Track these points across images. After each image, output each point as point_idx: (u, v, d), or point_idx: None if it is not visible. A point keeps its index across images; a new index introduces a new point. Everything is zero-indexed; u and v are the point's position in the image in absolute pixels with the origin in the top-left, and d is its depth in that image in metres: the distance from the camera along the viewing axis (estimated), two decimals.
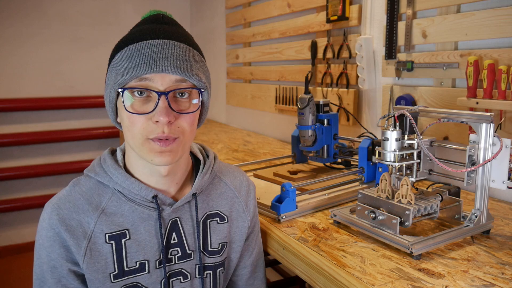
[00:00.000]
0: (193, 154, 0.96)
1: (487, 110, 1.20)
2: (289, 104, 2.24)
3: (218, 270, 0.93)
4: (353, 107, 1.80)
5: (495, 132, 0.94)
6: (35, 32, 3.06)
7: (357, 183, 1.33)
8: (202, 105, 0.86)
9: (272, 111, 2.41)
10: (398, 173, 1.03)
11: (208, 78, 0.86)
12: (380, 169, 1.28)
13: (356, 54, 1.71)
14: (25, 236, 3.19)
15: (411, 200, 0.94)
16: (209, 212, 0.92)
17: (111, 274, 0.81)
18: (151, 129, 0.77)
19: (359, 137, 1.41)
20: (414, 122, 0.97)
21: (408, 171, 1.03)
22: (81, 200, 0.82)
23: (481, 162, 0.93)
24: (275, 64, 2.42)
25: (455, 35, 1.35)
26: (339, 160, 1.50)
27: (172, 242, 0.87)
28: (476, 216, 0.96)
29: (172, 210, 0.86)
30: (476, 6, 1.30)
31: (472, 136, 0.95)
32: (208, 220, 0.92)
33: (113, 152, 0.90)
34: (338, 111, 1.73)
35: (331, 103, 1.47)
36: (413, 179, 1.02)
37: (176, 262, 0.87)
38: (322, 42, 1.96)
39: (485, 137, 0.92)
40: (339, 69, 1.87)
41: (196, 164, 0.95)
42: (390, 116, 0.99)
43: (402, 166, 1.01)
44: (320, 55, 1.97)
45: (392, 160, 0.98)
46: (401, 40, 1.53)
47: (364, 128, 1.53)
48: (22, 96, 3.06)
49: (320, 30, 1.97)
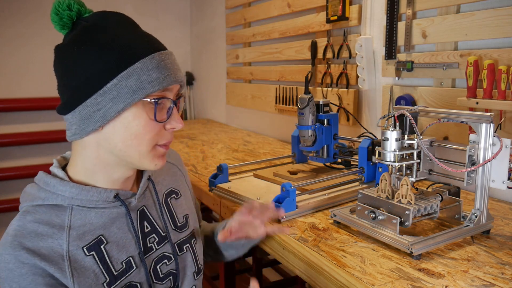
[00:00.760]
0: None
1: (487, 110, 1.21)
2: (289, 104, 2.24)
3: (192, 241, 0.97)
4: (353, 107, 1.80)
5: (495, 132, 0.94)
6: (36, 32, 3.06)
7: (357, 183, 1.33)
8: None
9: (272, 111, 2.41)
10: (398, 173, 1.03)
11: None
12: (380, 169, 1.28)
13: (356, 54, 1.71)
14: None
15: (411, 200, 0.94)
16: (166, 192, 0.97)
17: (104, 284, 0.79)
18: (163, 135, 0.80)
19: (359, 137, 1.41)
20: (414, 122, 0.97)
21: (408, 171, 1.03)
22: (40, 227, 0.76)
23: (481, 162, 0.93)
24: (275, 64, 2.42)
25: (455, 35, 1.35)
26: (339, 160, 1.50)
27: (146, 231, 0.88)
28: (476, 216, 0.96)
29: (137, 200, 0.87)
30: (476, 6, 1.30)
31: (472, 136, 0.95)
32: (168, 199, 0.96)
33: (47, 174, 0.85)
34: (338, 111, 1.73)
35: (331, 103, 1.47)
36: (413, 179, 1.02)
37: (157, 248, 0.89)
38: (322, 42, 1.96)
39: (485, 137, 0.92)
40: (339, 69, 1.87)
41: None
42: (390, 116, 1.00)
43: (402, 166, 1.01)
44: (320, 55, 1.98)
45: (392, 160, 0.98)
46: (401, 40, 1.53)
47: (364, 128, 1.53)
48: (22, 96, 3.06)
49: (320, 30, 1.98)
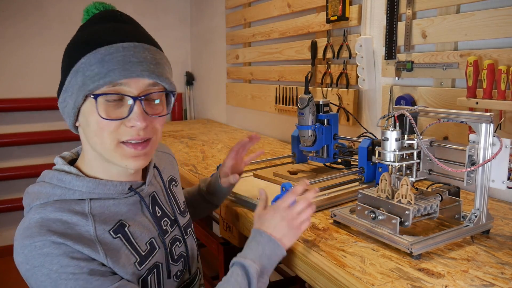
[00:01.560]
0: None
1: (486, 110, 1.21)
2: (289, 104, 2.24)
3: (192, 226, 1.03)
4: (353, 107, 1.80)
5: (495, 132, 0.94)
6: (36, 32, 3.06)
7: (357, 183, 1.33)
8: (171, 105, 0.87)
9: (272, 111, 2.41)
10: (398, 173, 1.03)
11: (172, 78, 0.87)
12: (380, 169, 1.28)
13: (356, 54, 1.71)
14: None
15: (411, 200, 0.94)
16: (168, 179, 1.01)
17: (136, 263, 0.81)
18: (124, 132, 0.76)
19: (359, 137, 1.41)
20: (414, 122, 0.97)
21: (408, 171, 1.03)
22: (64, 215, 0.74)
23: (481, 162, 0.93)
24: (275, 64, 2.42)
25: (454, 35, 1.35)
26: (339, 160, 1.50)
27: (158, 215, 0.91)
28: (476, 216, 0.96)
29: (148, 187, 0.90)
30: (476, 6, 1.30)
31: (472, 136, 0.95)
32: (170, 186, 1.01)
33: (58, 170, 0.84)
34: (338, 111, 1.73)
35: (331, 103, 1.47)
36: (413, 179, 1.02)
37: (170, 231, 0.93)
38: (322, 42, 1.96)
39: (485, 137, 0.92)
40: (339, 69, 1.87)
41: None
42: (390, 116, 1.00)
43: (402, 166, 1.01)
44: (320, 55, 1.98)
45: (392, 160, 0.98)
46: (401, 40, 1.53)
47: (364, 128, 1.53)
48: (22, 96, 3.06)
49: (320, 30, 1.98)
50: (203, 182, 1.24)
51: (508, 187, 0.92)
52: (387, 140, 0.98)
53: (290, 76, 2.26)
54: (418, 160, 1.01)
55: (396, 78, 1.57)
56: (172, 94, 0.84)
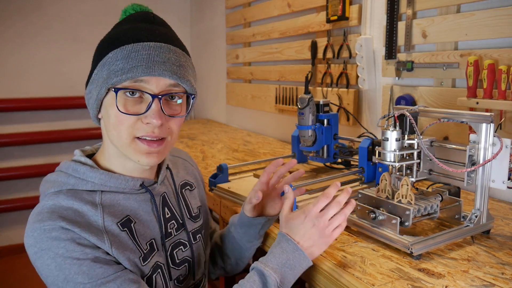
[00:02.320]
0: None
1: (487, 110, 1.20)
2: (289, 104, 2.24)
3: (202, 232, 1.01)
4: (353, 107, 1.80)
5: (495, 132, 0.93)
6: (36, 32, 3.06)
7: (357, 183, 1.33)
8: (190, 107, 0.89)
9: (272, 111, 2.41)
10: (398, 173, 1.03)
11: (196, 82, 0.89)
12: (380, 169, 1.28)
13: (356, 54, 1.71)
14: None
15: (411, 200, 0.94)
16: (181, 183, 1.00)
17: (140, 258, 0.81)
18: (140, 127, 0.78)
19: (359, 137, 1.41)
20: (414, 122, 0.97)
21: (408, 171, 1.03)
22: (75, 204, 0.77)
23: (481, 162, 0.93)
24: (275, 64, 2.42)
25: (455, 35, 1.35)
26: (339, 160, 1.50)
27: (167, 216, 0.91)
28: (476, 216, 0.96)
29: (159, 186, 0.90)
30: (476, 6, 1.30)
31: (472, 136, 0.94)
32: (183, 190, 1.00)
33: (75, 161, 0.86)
34: (338, 111, 1.73)
35: (331, 103, 1.47)
36: (413, 179, 1.02)
37: (175, 234, 0.92)
38: (322, 42, 1.96)
39: (485, 137, 0.92)
40: (339, 69, 1.87)
41: None
42: (390, 116, 0.99)
43: (402, 166, 1.01)
44: (320, 55, 1.97)
45: (392, 160, 0.98)
46: (401, 40, 1.53)
47: (364, 128, 1.53)
48: (22, 96, 3.06)
49: (320, 30, 1.97)
50: (230, 219, 1.11)
51: (508, 187, 0.92)
52: (387, 140, 0.98)
53: (290, 76, 2.26)
54: (418, 160, 1.01)
55: (396, 78, 1.57)
56: (192, 97, 0.85)
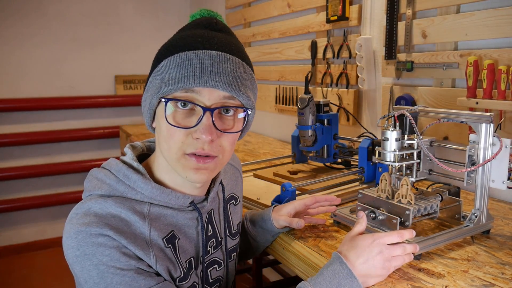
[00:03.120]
0: None
1: (487, 110, 1.20)
2: (289, 104, 2.24)
3: (237, 250, 0.96)
4: (353, 107, 1.80)
5: (495, 132, 0.94)
6: (35, 32, 3.06)
7: (357, 183, 1.33)
8: (245, 123, 0.81)
9: (272, 111, 2.41)
10: (398, 173, 1.03)
11: (256, 96, 0.82)
12: (380, 169, 1.28)
13: (356, 54, 1.71)
14: (25, 236, 3.19)
15: (411, 200, 0.94)
16: (228, 196, 0.94)
17: (178, 278, 0.78)
18: (190, 143, 0.73)
19: (359, 137, 1.41)
20: (414, 122, 0.97)
21: (408, 171, 1.03)
22: (123, 212, 0.73)
23: (481, 162, 0.93)
24: (275, 64, 2.42)
25: (455, 35, 1.35)
26: (339, 160, 1.50)
27: (209, 234, 0.87)
28: (476, 216, 0.96)
29: (209, 204, 0.85)
30: (476, 6, 1.30)
31: (472, 136, 0.95)
32: (228, 205, 0.94)
33: (126, 163, 0.81)
34: (338, 111, 1.73)
35: (331, 103, 1.47)
36: (413, 179, 1.02)
37: (212, 252, 0.88)
38: (322, 42, 1.96)
39: (485, 137, 0.92)
40: (339, 69, 1.87)
41: None
42: (390, 116, 0.99)
43: (402, 166, 1.01)
44: (320, 55, 1.98)
45: (392, 160, 0.98)
46: (401, 40, 1.53)
47: (364, 128, 1.53)
48: (22, 96, 3.06)
49: (320, 30, 1.98)
50: (248, 213, 1.10)
51: (508, 187, 0.92)
52: (387, 140, 0.98)
53: (290, 76, 2.26)
54: (418, 160, 1.01)
55: (396, 78, 1.57)
56: (247, 111, 0.78)
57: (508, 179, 0.92)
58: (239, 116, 0.77)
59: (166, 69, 0.73)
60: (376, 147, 1.03)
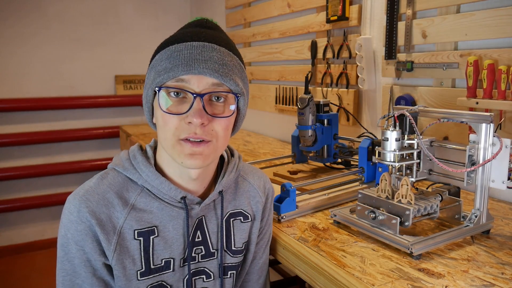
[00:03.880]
0: None
1: (487, 110, 1.21)
2: (289, 104, 2.24)
3: (238, 270, 0.95)
4: (353, 107, 1.80)
5: (495, 132, 0.94)
6: (35, 32, 3.06)
7: (357, 183, 1.33)
8: (238, 111, 0.85)
9: (272, 111, 2.41)
10: (398, 173, 1.03)
11: (246, 84, 0.85)
12: (380, 169, 1.28)
13: (356, 54, 1.71)
14: (25, 236, 3.19)
15: (411, 200, 0.94)
16: (232, 211, 0.93)
17: (138, 272, 0.81)
18: (183, 128, 0.77)
19: (359, 137, 1.41)
20: (414, 122, 0.97)
21: (408, 171, 1.03)
22: (110, 193, 0.81)
23: (481, 162, 0.93)
24: (275, 64, 2.42)
25: (455, 35, 1.35)
26: (339, 160, 1.50)
27: (196, 240, 0.87)
28: (476, 216, 0.96)
29: (200, 209, 0.86)
30: (476, 6, 1.30)
31: (472, 136, 0.95)
32: (231, 219, 0.92)
33: (141, 148, 0.89)
34: (338, 111, 1.73)
35: (331, 103, 1.47)
36: (413, 179, 1.02)
37: (199, 260, 0.88)
38: (322, 42, 1.96)
39: (485, 137, 0.92)
40: (339, 69, 1.87)
41: (220, 163, 0.95)
42: (390, 116, 0.99)
43: (402, 166, 1.01)
44: (320, 55, 1.98)
45: (392, 160, 0.98)
46: (401, 40, 1.53)
47: (364, 128, 1.53)
48: (22, 96, 3.06)
49: (320, 30, 1.98)
50: None
51: (508, 187, 0.92)
52: (387, 140, 0.98)
53: (290, 76, 2.26)
54: (418, 160, 1.01)
55: (396, 78, 1.57)
56: (237, 96, 0.81)
57: (508, 179, 0.92)
58: (231, 107, 0.81)
59: (159, 62, 0.79)
60: (376, 147, 1.03)
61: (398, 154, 0.97)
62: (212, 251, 0.89)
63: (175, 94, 0.77)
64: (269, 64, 2.49)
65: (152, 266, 0.82)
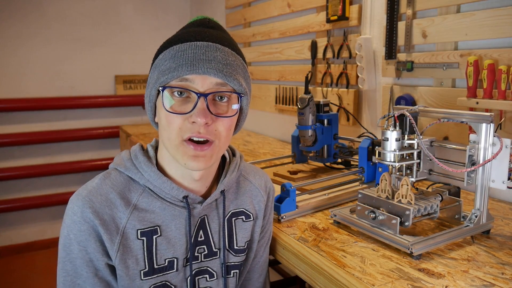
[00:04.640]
0: None
1: (487, 110, 1.20)
2: (289, 104, 2.24)
3: (241, 269, 0.95)
4: (353, 107, 1.80)
5: (495, 132, 0.94)
6: (35, 32, 3.06)
7: (357, 183, 1.33)
8: (241, 111, 0.86)
9: (272, 111, 2.41)
10: (398, 173, 1.03)
11: (249, 84, 0.86)
12: (380, 169, 1.28)
13: (356, 54, 1.71)
14: (25, 236, 3.19)
15: (411, 200, 0.94)
16: (234, 211, 0.93)
17: (142, 272, 0.81)
18: (187, 128, 0.77)
19: (359, 137, 1.41)
20: (414, 122, 0.97)
21: (408, 171, 1.03)
22: (112, 194, 0.81)
23: (481, 162, 0.93)
24: (275, 64, 2.42)
25: (455, 35, 1.35)
26: (339, 160, 1.50)
27: (199, 240, 0.88)
28: (476, 216, 0.96)
29: (202, 208, 0.86)
30: (476, 6, 1.30)
31: (472, 136, 0.95)
32: (233, 219, 0.93)
33: (142, 148, 0.89)
34: (338, 111, 1.73)
35: (331, 103, 1.47)
36: (413, 179, 1.02)
37: (202, 260, 0.88)
38: (322, 42, 1.96)
39: (485, 137, 0.92)
40: (339, 69, 1.87)
41: (222, 162, 0.95)
42: (390, 116, 0.99)
43: (402, 166, 1.01)
44: (320, 55, 1.98)
45: (392, 160, 0.98)
46: (401, 40, 1.53)
47: (364, 128, 1.53)
48: (22, 96, 3.06)
49: (320, 30, 1.97)
50: None
51: (508, 187, 0.92)
52: (387, 140, 0.98)
53: (290, 76, 2.26)
54: (418, 160, 1.01)
55: (396, 78, 1.57)
56: (240, 96, 0.81)
57: (508, 179, 0.92)
58: (233, 107, 0.81)
59: (162, 61, 0.79)
60: (376, 147, 1.03)
61: (398, 154, 0.97)
62: (214, 250, 0.89)
63: (179, 93, 0.77)
64: (269, 64, 2.49)
65: (155, 266, 0.82)
